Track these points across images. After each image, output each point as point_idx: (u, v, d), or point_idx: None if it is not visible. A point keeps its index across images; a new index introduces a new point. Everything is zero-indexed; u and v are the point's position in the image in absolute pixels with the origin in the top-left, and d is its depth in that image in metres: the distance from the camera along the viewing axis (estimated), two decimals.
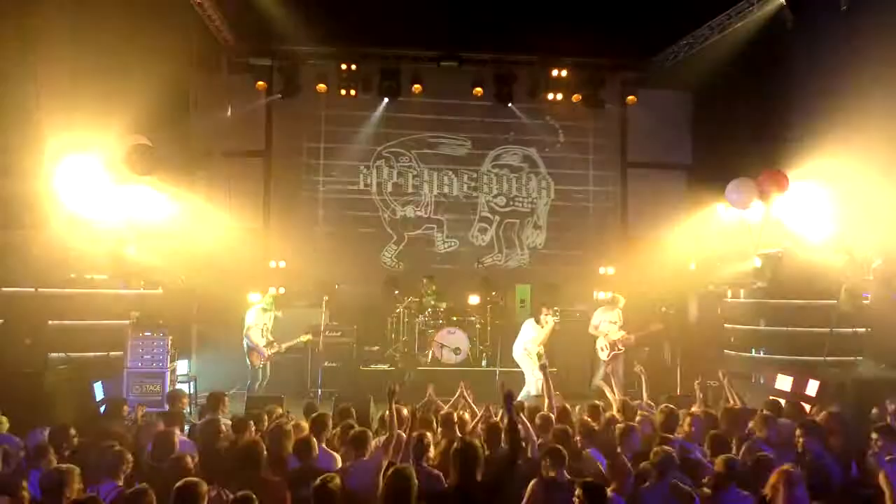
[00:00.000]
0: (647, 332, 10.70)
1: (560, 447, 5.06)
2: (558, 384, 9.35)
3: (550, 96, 13.58)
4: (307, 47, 12.76)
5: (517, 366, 11.82)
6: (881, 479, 4.53)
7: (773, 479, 4.50)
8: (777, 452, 5.46)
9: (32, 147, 9.30)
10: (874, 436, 5.81)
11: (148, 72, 10.18)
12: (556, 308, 12.91)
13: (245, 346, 10.05)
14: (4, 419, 6.44)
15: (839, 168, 9.65)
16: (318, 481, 4.40)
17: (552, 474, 4.78)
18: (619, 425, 5.96)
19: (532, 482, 4.64)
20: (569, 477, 4.85)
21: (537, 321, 10.19)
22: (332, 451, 5.81)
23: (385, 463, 4.74)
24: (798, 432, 5.72)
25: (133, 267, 10.22)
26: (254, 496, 4.27)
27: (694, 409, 7.34)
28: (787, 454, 5.50)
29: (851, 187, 9.68)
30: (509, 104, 13.83)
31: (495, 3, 11.27)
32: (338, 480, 4.44)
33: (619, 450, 5.62)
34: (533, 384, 9.84)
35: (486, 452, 5.46)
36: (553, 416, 6.63)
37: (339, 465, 5.60)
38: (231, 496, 4.39)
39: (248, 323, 10.12)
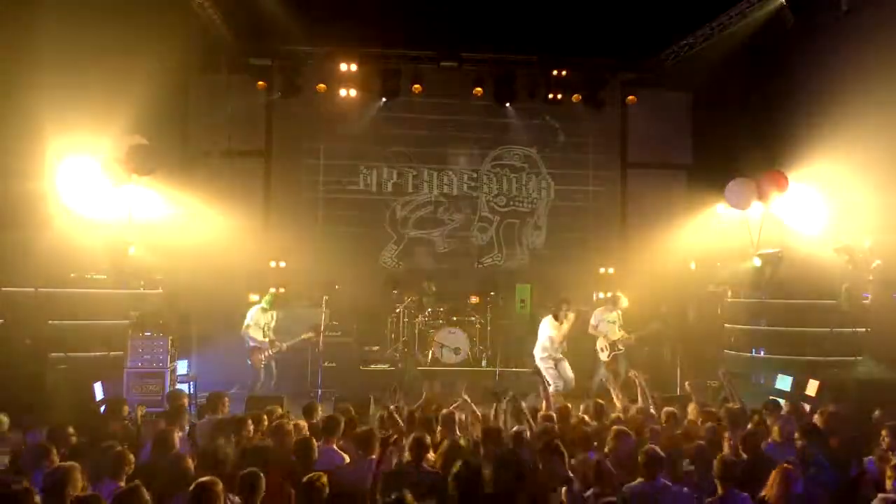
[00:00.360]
0: (647, 332, 10.70)
1: (557, 442, 5.09)
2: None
3: (550, 96, 13.58)
4: (307, 47, 12.76)
5: (517, 365, 11.89)
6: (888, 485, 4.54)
7: (772, 476, 4.51)
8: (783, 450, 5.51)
9: (33, 147, 9.30)
10: (883, 433, 5.83)
11: (148, 72, 10.18)
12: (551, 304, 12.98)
13: (247, 345, 10.07)
14: (5, 419, 6.45)
15: (839, 168, 9.66)
16: (305, 479, 4.45)
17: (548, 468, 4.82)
18: (614, 427, 5.97)
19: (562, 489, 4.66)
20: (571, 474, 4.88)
21: (556, 317, 10.04)
22: (342, 453, 5.80)
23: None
24: (797, 435, 5.71)
25: (133, 267, 10.22)
26: (260, 473, 4.27)
27: (690, 408, 7.37)
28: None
29: (851, 187, 9.70)
30: (509, 104, 13.83)
31: (495, 3, 11.26)
32: (325, 479, 4.48)
33: (606, 449, 5.64)
34: (553, 383, 9.77)
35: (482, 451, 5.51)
36: (554, 416, 6.66)
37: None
38: (237, 499, 4.40)
39: (248, 322, 10.13)
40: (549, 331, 9.96)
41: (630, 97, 13.76)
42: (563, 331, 9.88)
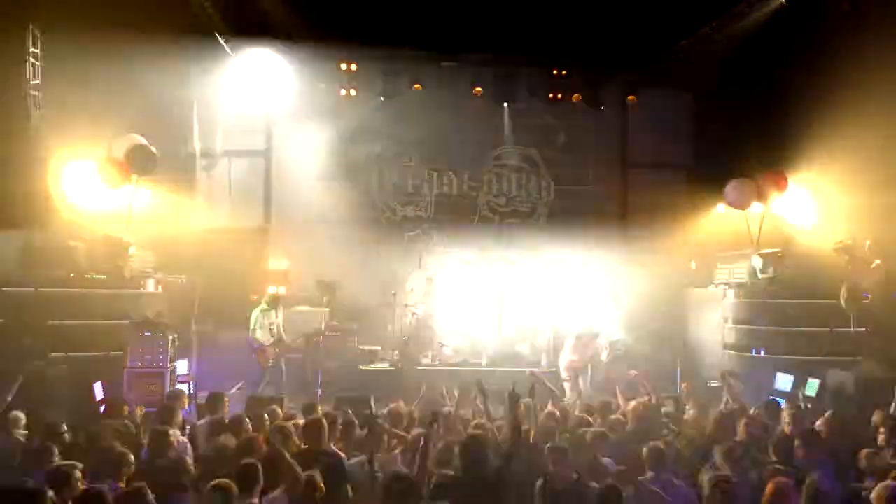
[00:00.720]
0: (647, 332, 10.69)
1: (564, 447, 5.13)
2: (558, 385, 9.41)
3: (550, 96, 13.57)
4: (307, 47, 12.73)
5: (517, 365, 11.92)
6: None
7: (768, 490, 4.51)
8: None
9: (33, 147, 9.32)
10: (882, 430, 5.84)
11: (148, 72, 10.19)
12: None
13: (253, 346, 10.18)
14: (22, 416, 6.47)
15: (839, 168, 9.67)
16: (304, 476, 4.48)
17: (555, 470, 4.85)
18: (591, 430, 5.98)
19: (538, 483, 4.68)
20: (576, 476, 4.90)
21: (580, 340, 9.91)
22: (338, 451, 5.80)
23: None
24: (797, 443, 5.69)
25: (133, 267, 10.23)
26: (258, 465, 4.29)
27: (688, 408, 7.39)
28: None
29: (851, 187, 9.71)
30: (509, 104, 13.81)
31: (496, 2, 11.25)
32: (318, 477, 4.50)
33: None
34: (568, 392, 9.81)
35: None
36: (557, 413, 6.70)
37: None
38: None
39: (252, 326, 10.23)
40: (570, 354, 9.80)
41: (630, 97, 13.76)
42: (585, 360, 9.83)
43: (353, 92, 13.25)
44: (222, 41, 12.21)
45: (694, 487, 5.12)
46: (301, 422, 6.49)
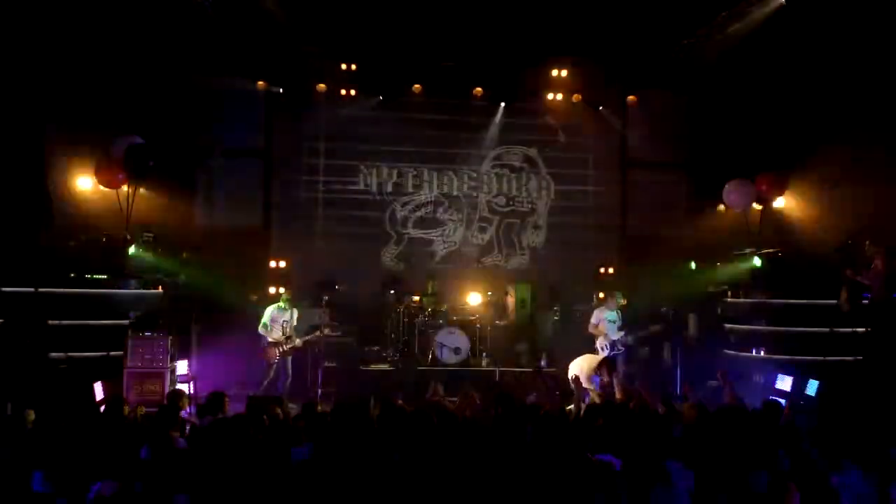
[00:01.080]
0: (647, 333, 10.69)
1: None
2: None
3: (550, 96, 13.58)
4: (307, 47, 12.74)
5: (517, 366, 11.95)
6: None
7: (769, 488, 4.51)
8: None
9: (32, 147, 9.32)
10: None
11: (148, 72, 10.19)
12: (556, 308, 13.01)
13: (263, 343, 10.24)
14: (32, 413, 6.49)
15: (839, 168, 9.68)
16: None
17: None
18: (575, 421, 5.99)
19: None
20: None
21: (598, 372, 9.26)
22: None
23: None
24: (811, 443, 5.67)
25: (133, 267, 10.24)
26: None
27: (686, 407, 7.37)
28: None
29: (851, 187, 9.71)
30: (509, 104, 13.81)
31: (496, 2, 11.26)
32: None
33: None
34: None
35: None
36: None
37: None
38: None
39: (265, 321, 10.26)
40: (586, 381, 9.58)
41: (630, 97, 13.76)
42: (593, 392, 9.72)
43: (353, 92, 13.24)
44: (223, 40, 12.21)
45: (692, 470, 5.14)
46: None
